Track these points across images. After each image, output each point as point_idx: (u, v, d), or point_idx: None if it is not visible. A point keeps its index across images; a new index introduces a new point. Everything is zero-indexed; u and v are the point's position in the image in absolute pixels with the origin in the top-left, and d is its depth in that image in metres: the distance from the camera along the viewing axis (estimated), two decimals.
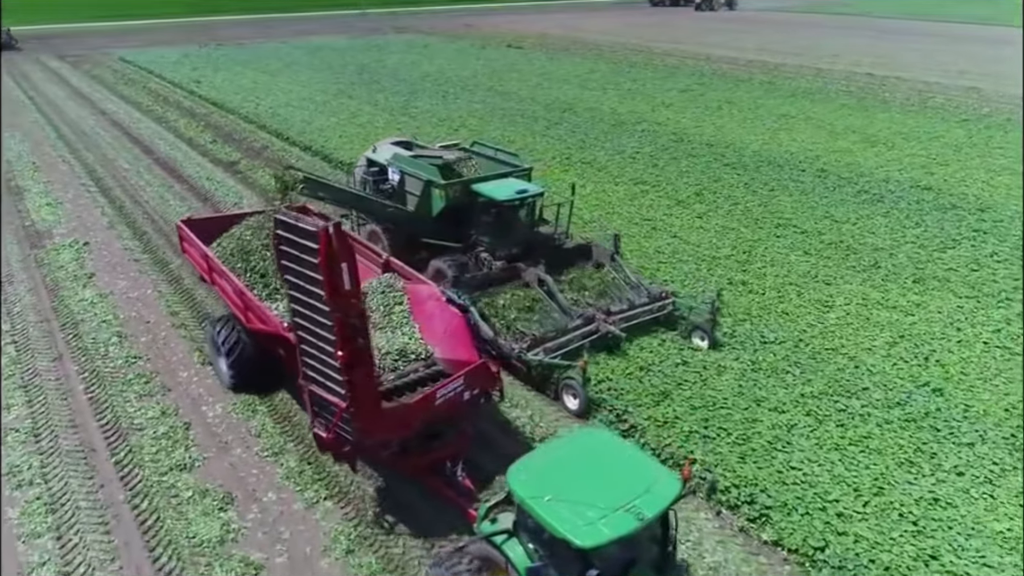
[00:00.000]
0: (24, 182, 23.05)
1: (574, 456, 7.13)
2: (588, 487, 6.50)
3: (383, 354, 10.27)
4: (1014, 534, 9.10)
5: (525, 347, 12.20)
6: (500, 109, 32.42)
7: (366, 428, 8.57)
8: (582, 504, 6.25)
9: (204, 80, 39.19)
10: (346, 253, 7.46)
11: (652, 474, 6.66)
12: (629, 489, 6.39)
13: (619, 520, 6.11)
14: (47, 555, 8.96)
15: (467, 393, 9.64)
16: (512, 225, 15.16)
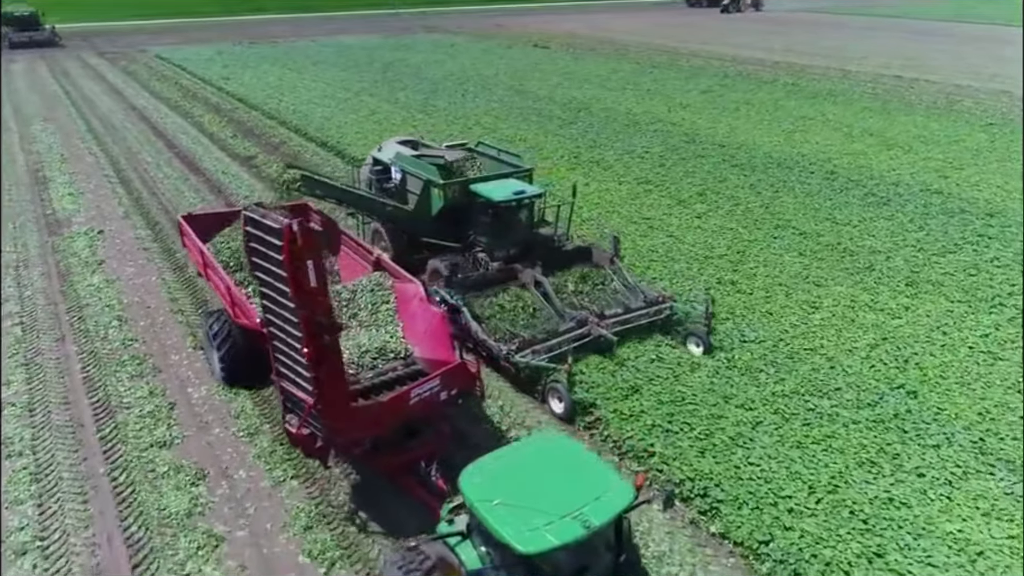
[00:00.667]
0: (51, 172, 24.06)
1: (528, 460, 7.13)
2: (538, 492, 6.46)
3: (362, 352, 10.44)
4: (964, 535, 9.07)
5: (514, 348, 12.13)
6: (516, 108, 32.69)
7: (335, 425, 8.66)
8: (529, 509, 6.21)
9: (233, 77, 40.22)
10: (311, 250, 7.46)
11: (605, 481, 6.57)
12: (579, 496, 6.32)
13: (565, 527, 6.04)
14: (26, 520, 9.52)
15: (444, 393, 9.63)
16: (510, 226, 15.07)
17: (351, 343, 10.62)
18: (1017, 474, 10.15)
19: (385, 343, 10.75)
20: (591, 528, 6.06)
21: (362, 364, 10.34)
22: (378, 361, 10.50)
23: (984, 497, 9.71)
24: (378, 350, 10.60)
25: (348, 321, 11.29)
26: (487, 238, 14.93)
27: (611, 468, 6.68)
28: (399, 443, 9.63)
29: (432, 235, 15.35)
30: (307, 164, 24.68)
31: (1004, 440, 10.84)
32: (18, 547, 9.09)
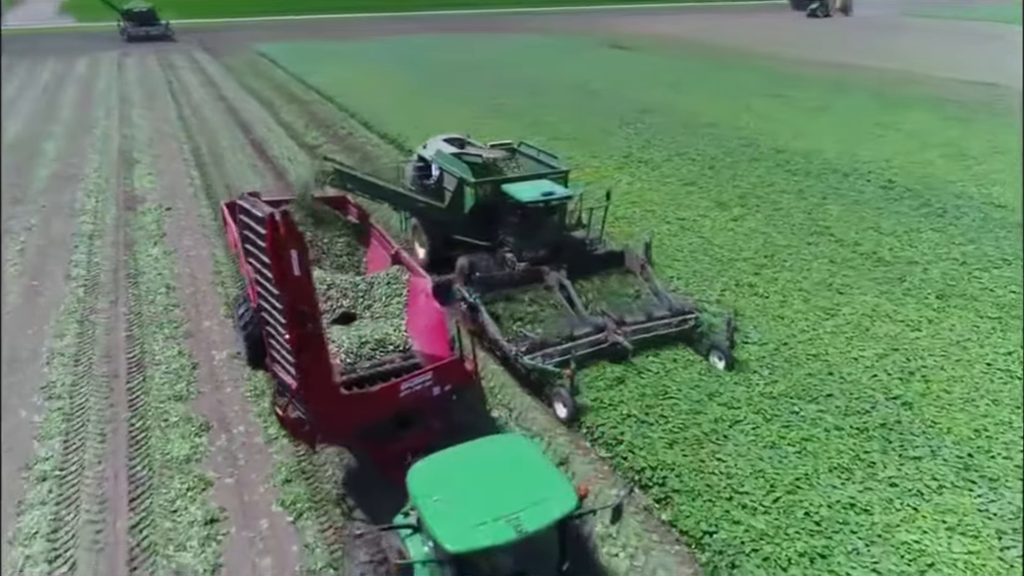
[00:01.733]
0: (139, 155, 26.29)
1: (480, 459, 7.10)
2: (481, 492, 6.47)
3: (362, 343, 10.74)
4: (920, 547, 8.90)
5: (523, 350, 12.07)
6: (581, 108, 32.97)
7: (320, 412, 8.92)
8: (467, 508, 6.21)
9: (319, 71, 42.20)
10: (295, 240, 7.62)
11: (550, 488, 6.48)
12: (520, 499, 6.26)
13: (496, 529, 5.99)
14: (52, 453, 10.81)
15: (437, 388, 9.77)
16: (538, 227, 14.89)
17: (353, 333, 11.04)
18: (998, 492, 9.81)
19: (386, 335, 11.00)
20: (522, 532, 5.97)
21: (360, 354, 10.61)
22: (377, 352, 10.73)
23: (954, 512, 9.45)
24: (378, 342, 10.84)
25: (361, 312, 11.84)
26: (515, 238, 14.89)
27: (561, 475, 6.59)
28: (391, 434, 9.80)
29: (464, 233, 15.42)
30: (367, 154, 26.02)
31: (994, 458, 10.46)
32: (40, 474, 10.35)
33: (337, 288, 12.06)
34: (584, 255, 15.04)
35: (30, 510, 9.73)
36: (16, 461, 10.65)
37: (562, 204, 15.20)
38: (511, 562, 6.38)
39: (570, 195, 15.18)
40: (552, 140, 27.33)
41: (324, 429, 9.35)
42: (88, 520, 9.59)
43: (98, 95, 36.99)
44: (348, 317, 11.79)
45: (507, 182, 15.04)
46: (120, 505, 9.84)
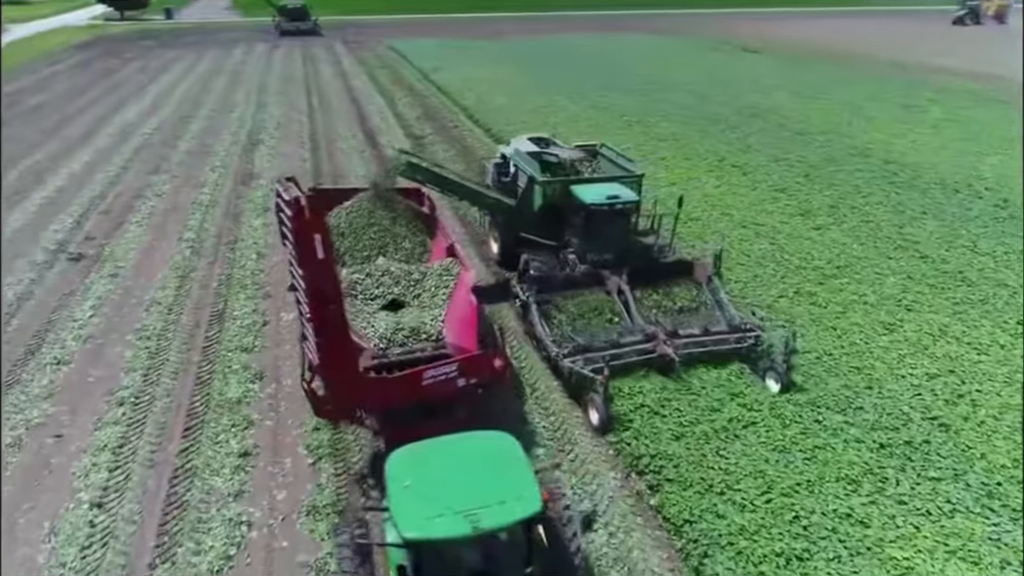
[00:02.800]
0: (264, 137, 28.85)
1: (460, 453, 7.10)
2: (450, 484, 6.52)
3: (397, 329, 11.05)
4: (910, 565, 8.61)
5: (564, 352, 12.02)
6: (688, 110, 32.61)
7: (339, 392, 9.21)
8: (432, 498, 6.27)
9: (443, 68, 44.13)
10: (319, 224, 7.81)
11: (518, 489, 6.41)
12: (485, 496, 6.27)
13: (453, 522, 6.04)
14: (132, 383, 12.51)
15: (462, 380, 9.88)
16: (603, 230, 14.51)
17: (392, 319, 11.40)
18: (1018, 524, 9.24)
19: (421, 324, 11.21)
20: (478, 529, 5.99)
21: (394, 340, 10.89)
22: (410, 340, 10.94)
23: (959, 536, 9.04)
24: (412, 330, 11.09)
25: (410, 300, 12.12)
26: (579, 240, 14.75)
27: (533, 478, 6.49)
28: (413, 421, 9.82)
29: (533, 231, 15.27)
30: (467, 147, 27.17)
31: None
32: (119, 399, 12.03)
33: (391, 276, 12.45)
34: (651, 262, 14.75)
35: (105, 427, 11.38)
36: (104, 386, 12.42)
37: (631, 208, 14.73)
38: (477, 557, 6.35)
39: (636, 200, 14.76)
40: (651, 140, 27.46)
41: (343, 408, 9.69)
42: (148, 441, 11.10)
43: (243, 83, 40.64)
44: (397, 304, 12.08)
45: (576, 183, 14.97)
46: (176, 432, 11.29)
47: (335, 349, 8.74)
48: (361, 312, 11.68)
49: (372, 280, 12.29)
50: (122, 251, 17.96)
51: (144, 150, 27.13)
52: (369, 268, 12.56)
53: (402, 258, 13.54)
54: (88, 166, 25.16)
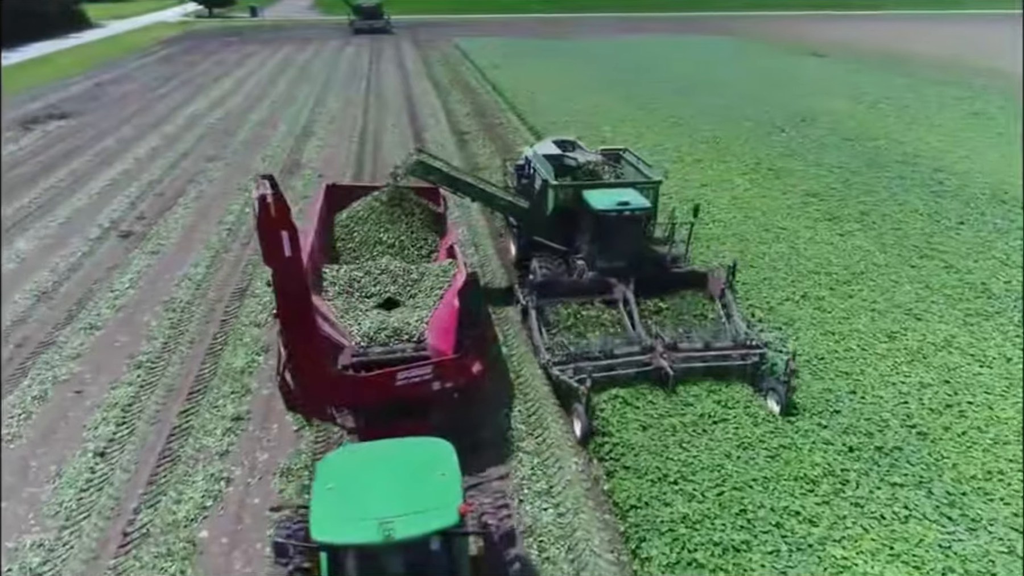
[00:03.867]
0: (317, 129, 30.17)
1: (392, 459, 6.96)
2: (374, 490, 6.39)
3: (379, 329, 10.97)
4: (849, 564, 8.62)
5: (554, 360, 11.82)
6: (739, 113, 32.14)
7: (308, 389, 9.19)
8: (351, 502, 6.23)
9: (502, 66, 44.77)
10: (286, 222, 7.78)
11: (439, 500, 6.24)
12: (403, 505, 6.16)
13: (365, 529, 5.94)
14: (152, 349, 13.59)
15: (437, 383, 9.88)
16: (614, 237, 14.11)
17: (376, 318, 11.36)
18: (973, 534, 9.09)
19: (405, 325, 11.10)
20: (388, 538, 5.89)
21: (375, 339, 10.83)
22: (392, 340, 10.84)
23: (907, 541, 8.97)
24: (395, 330, 10.99)
25: (405, 300, 12.14)
26: (589, 246, 14.36)
27: (458, 490, 6.34)
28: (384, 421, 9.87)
29: (545, 235, 15.07)
30: (507, 144, 27.68)
31: (992, 502, 9.62)
32: (137, 363, 13.12)
33: (390, 274, 12.55)
34: (662, 272, 14.29)
35: (120, 387, 12.46)
36: (127, 351, 13.55)
37: (642, 216, 14.24)
38: (399, 566, 6.24)
39: (648, 207, 14.24)
40: (693, 142, 27.33)
41: (313, 404, 9.68)
42: (155, 401, 12.10)
43: (309, 78, 42.38)
44: (392, 303, 12.13)
45: (588, 187, 14.65)
46: (181, 395, 12.25)
47: (303, 345, 8.71)
48: (354, 309, 11.82)
49: (370, 278, 12.48)
50: (166, 230, 19.32)
51: (206, 138, 28.83)
52: (368, 266, 12.80)
53: (409, 257, 13.68)
54: (153, 152, 26.98)
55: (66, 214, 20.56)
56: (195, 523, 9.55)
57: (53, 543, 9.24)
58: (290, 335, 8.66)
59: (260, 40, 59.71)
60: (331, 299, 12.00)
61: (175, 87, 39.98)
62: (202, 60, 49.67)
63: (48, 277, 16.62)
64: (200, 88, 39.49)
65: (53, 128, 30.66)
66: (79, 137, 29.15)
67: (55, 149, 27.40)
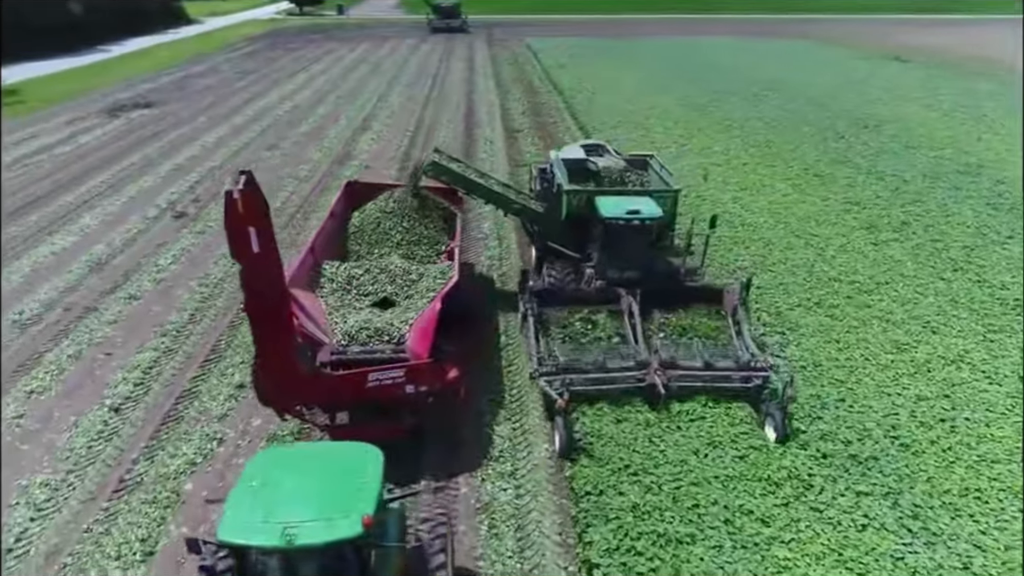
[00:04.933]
0: (374, 123, 31.28)
1: (317, 462, 6.91)
2: (290, 493, 6.34)
3: (361, 329, 10.87)
4: (790, 565, 8.60)
5: (541, 370, 11.50)
6: (798, 118, 31.32)
7: (276, 385, 9.19)
8: (265, 504, 6.17)
9: (567, 66, 45.05)
10: (254, 218, 7.68)
11: (348, 509, 6.10)
12: (312, 512, 6.09)
13: (269, 532, 5.89)
14: (179, 319, 14.67)
15: (411, 387, 9.79)
16: (624, 246, 13.68)
17: (360, 317, 11.30)
18: (931, 548, 8.87)
19: (388, 325, 10.97)
20: (291, 544, 5.83)
21: (356, 339, 10.74)
22: (372, 340, 10.72)
23: (858, 548, 8.86)
24: (377, 330, 10.86)
25: (401, 300, 12.12)
26: (599, 254, 13.98)
27: (373, 501, 6.21)
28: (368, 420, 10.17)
29: (559, 241, 14.72)
30: (556, 142, 27.95)
31: (959, 518, 9.34)
32: (163, 331, 14.19)
33: (389, 274, 12.60)
34: (675, 285, 13.69)
35: (145, 352, 13.55)
36: (158, 320, 14.68)
37: (654, 225, 13.68)
38: (309, 570, 6.16)
39: (660, 216, 13.65)
40: (743, 145, 26.92)
41: (281, 400, 9.64)
42: (173, 366, 13.11)
43: (379, 74, 43.82)
44: (388, 303, 12.12)
45: (601, 194, 14.32)
46: (196, 362, 13.23)
47: (271, 342, 8.67)
48: (348, 307, 11.93)
49: (369, 276, 12.59)
50: (216, 213, 20.61)
51: (270, 129, 30.39)
52: (369, 264, 12.95)
53: (417, 257, 13.74)
54: (220, 140, 28.69)
55: (131, 194, 22.23)
56: (183, 476, 10.38)
57: (59, 483, 10.26)
58: (258, 331, 8.53)
59: (341, 37, 61.96)
60: (326, 295, 12.17)
61: (253, 80, 42.15)
62: (283, 56, 52.03)
63: (104, 250, 18.11)
64: (275, 82, 41.49)
65: (136, 116, 33.01)
66: (157, 125, 31.28)
67: (134, 135, 29.54)
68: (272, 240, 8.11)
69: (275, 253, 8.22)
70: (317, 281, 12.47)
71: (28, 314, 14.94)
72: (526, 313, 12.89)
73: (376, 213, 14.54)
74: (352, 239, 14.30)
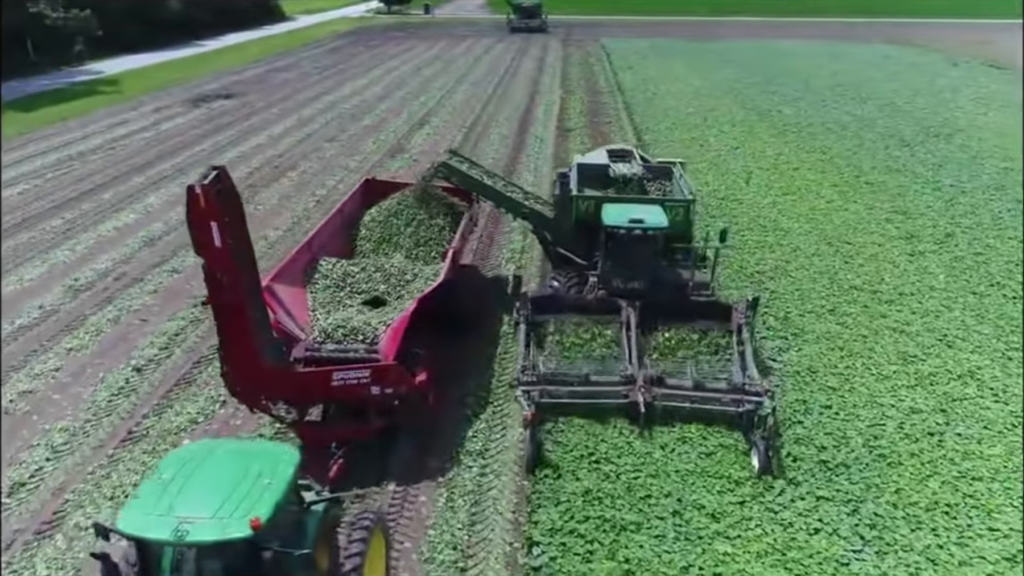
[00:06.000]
0: (433, 119, 32.20)
1: (231, 459, 6.85)
2: (199, 488, 6.33)
3: (337, 327, 10.92)
4: (726, 558, 8.63)
5: (520, 380, 11.19)
6: (864, 125, 30.22)
7: (239, 377, 9.28)
8: (170, 497, 6.19)
9: (635, 67, 44.89)
10: (216, 212, 7.83)
11: (246, 509, 6.09)
12: (209, 509, 6.08)
13: (161, 526, 5.90)
14: None
15: (376, 388, 9.78)
16: (628, 256, 13.10)
17: (342, 316, 11.39)
18: (879, 556, 8.74)
19: (364, 325, 10.98)
20: (180, 539, 5.85)
21: (332, 336, 10.79)
22: (347, 339, 10.74)
23: (803, 550, 8.83)
24: (352, 330, 10.89)
25: (392, 300, 12.12)
26: (603, 263, 13.43)
27: (273, 505, 6.18)
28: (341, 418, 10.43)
29: (568, 247, 14.46)
30: (607, 142, 28.06)
31: (918, 530, 9.12)
32: (195, 302, 15.30)
33: (384, 273, 12.70)
34: (683, 299, 13.08)
35: (175, 320, 14.70)
36: (193, 292, 15.80)
37: (660, 236, 13.02)
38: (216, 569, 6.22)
39: (664, 226, 12.93)
40: (795, 151, 26.36)
41: (244, 393, 9.68)
42: (197, 334, 14.18)
43: (449, 71, 44.88)
44: (379, 302, 12.20)
45: (609, 201, 13.89)
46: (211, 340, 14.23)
47: (234, 334, 8.78)
48: (338, 304, 12.05)
49: (365, 274, 12.68)
50: (266, 196, 21.94)
51: (334, 121, 31.78)
52: (366, 262, 13.05)
53: (421, 257, 13.72)
54: (286, 130, 30.25)
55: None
56: (183, 432, 11.30)
57: (76, 430, 11.39)
58: (220, 323, 8.71)
59: (422, 36, 63.61)
60: (318, 291, 12.29)
61: (329, 75, 43.99)
62: (363, 52, 53.96)
63: (160, 228, 19.62)
64: (350, 77, 43.17)
65: (216, 106, 35.17)
66: (233, 115, 33.24)
67: (210, 124, 31.53)
68: (242, 235, 8.38)
69: (245, 247, 8.48)
70: (312, 276, 12.59)
71: (82, 281, 16.42)
72: (518, 319, 12.50)
73: (385, 212, 14.65)
74: (361, 236, 14.44)
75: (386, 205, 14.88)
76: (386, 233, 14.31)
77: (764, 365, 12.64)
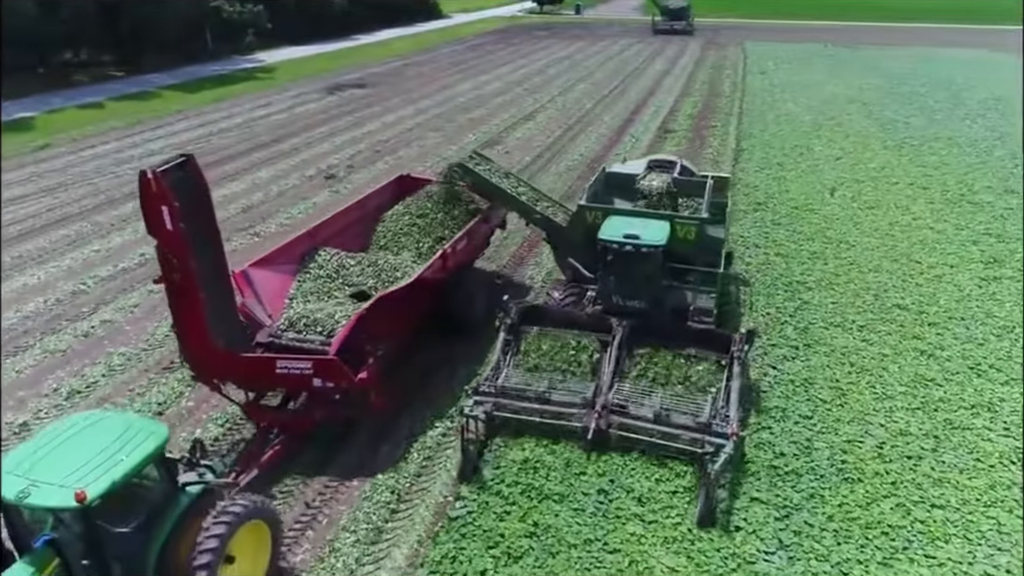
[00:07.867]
0: (539, 115, 33.07)
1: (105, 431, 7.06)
2: (62, 455, 6.64)
3: (300, 317, 11.14)
4: (632, 556, 8.88)
5: (479, 389, 10.98)
6: (997, 141, 27.56)
7: (191, 355, 9.71)
8: (33, 461, 6.55)
9: (768, 72, 43.28)
10: (167, 198, 8.22)
11: (85, 480, 6.33)
12: (59, 476, 6.36)
13: (13, 484, 6.28)
14: None
15: (318, 380, 9.92)
16: (624, 273, 12.30)
17: (313, 306, 11.51)
18: (794, 561, 8.61)
19: (326, 317, 11.06)
20: (20, 500, 6.19)
21: (294, 326, 11.03)
22: (306, 330, 10.91)
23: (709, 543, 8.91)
24: (313, 320, 11.02)
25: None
26: (601, 279, 12.81)
27: (116, 479, 6.45)
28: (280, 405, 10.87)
29: (577, 258, 13.78)
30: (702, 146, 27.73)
31: (844, 543, 8.91)
32: None
33: (376, 267, 12.83)
34: (679, 324, 12.31)
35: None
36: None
37: (657, 253, 12.03)
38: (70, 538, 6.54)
39: (656, 244, 11.96)
40: (904, 164, 24.90)
41: (197, 372, 10.16)
42: None
43: (574, 70, 45.52)
44: (363, 295, 12.23)
45: (615, 213, 13.17)
46: None
47: (185, 317, 9.20)
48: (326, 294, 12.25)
49: (358, 268, 12.86)
50: (358, 176, 23.87)
51: (444, 114, 33.54)
52: (362, 256, 13.26)
53: (427, 254, 13.59)
54: (399, 119, 32.39)
55: (304, 158, 26.36)
56: None
57: (132, 355, 13.49)
58: (171, 303, 9.17)
59: (563, 36, 64.60)
60: (307, 280, 12.50)
61: (461, 70, 46.09)
62: (502, 49, 55.82)
63: (259, 198, 22.02)
64: (479, 72, 45.01)
65: (348, 95, 38.15)
66: (359, 103, 35.96)
67: (336, 110, 34.36)
68: (205, 222, 8.95)
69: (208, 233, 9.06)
70: (307, 265, 12.79)
71: None
72: (498, 327, 12.09)
73: (403, 209, 14.84)
74: (379, 231, 14.60)
75: (411, 202, 15.04)
76: (403, 230, 14.40)
77: (763, 371, 12.50)
